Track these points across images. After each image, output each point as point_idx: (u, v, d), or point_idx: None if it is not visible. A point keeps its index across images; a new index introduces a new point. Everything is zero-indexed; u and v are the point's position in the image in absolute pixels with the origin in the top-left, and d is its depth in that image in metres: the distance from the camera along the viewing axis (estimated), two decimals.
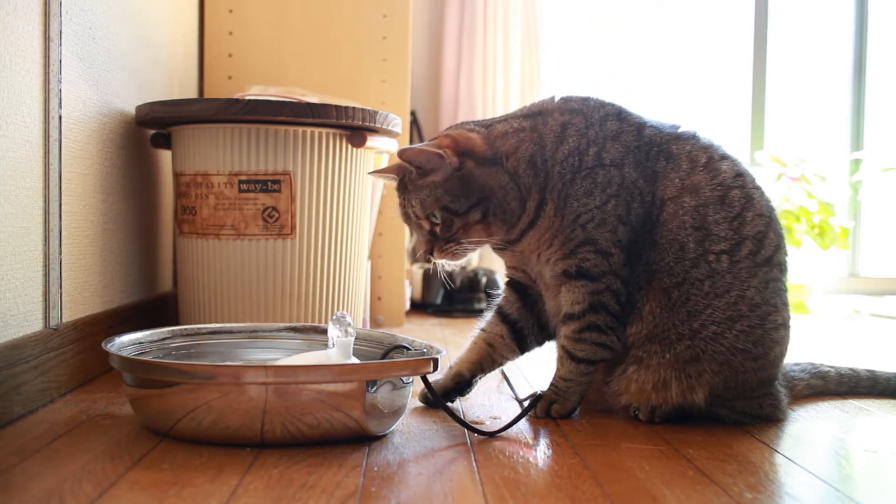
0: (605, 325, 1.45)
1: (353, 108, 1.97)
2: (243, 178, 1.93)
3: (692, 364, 1.43)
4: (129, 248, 1.99)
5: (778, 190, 3.80)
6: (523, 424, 1.45)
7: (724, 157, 1.50)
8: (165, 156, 2.25)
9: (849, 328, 3.19)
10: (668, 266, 1.43)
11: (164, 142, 2.10)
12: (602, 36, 4.32)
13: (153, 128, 2.09)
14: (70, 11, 1.63)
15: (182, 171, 2.01)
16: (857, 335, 3.00)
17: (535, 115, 1.49)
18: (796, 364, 1.74)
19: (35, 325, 1.50)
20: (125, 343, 1.46)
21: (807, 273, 3.80)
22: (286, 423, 1.25)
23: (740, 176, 1.49)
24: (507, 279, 1.62)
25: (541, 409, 1.49)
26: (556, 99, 1.53)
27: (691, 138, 1.51)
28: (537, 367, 1.88)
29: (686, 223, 1.43)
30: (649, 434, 1.40)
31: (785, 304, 1.50)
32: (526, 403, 1.61)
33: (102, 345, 1.38)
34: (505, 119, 1.50)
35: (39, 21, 1.50)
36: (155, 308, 2.15)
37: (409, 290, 3.06)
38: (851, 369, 1.76)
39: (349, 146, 2.03)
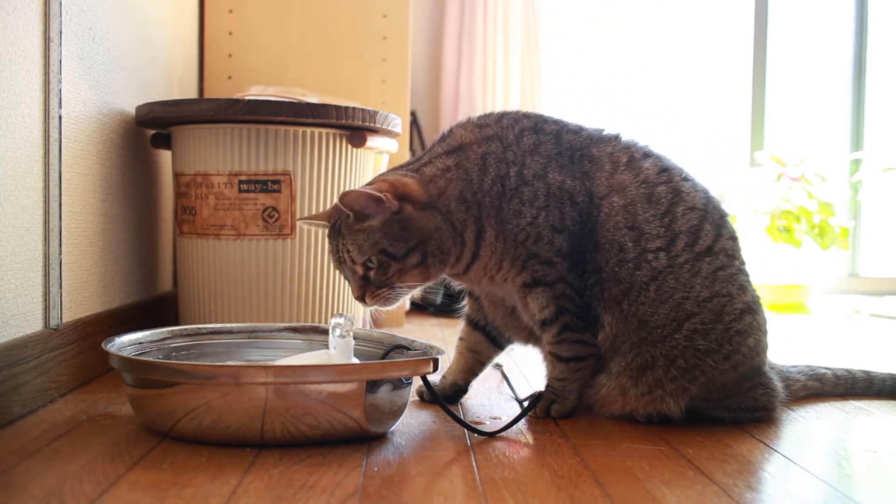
0: (575, 325, 1.47)
1: (353, 108, 1.97)
2: (243, 178, 1.93)
3: (647, 372, 1.43)
4: (129, 248, 2.00)
5: (778, 190, 3.80)
6: (523, 424, 1.45)
7: (647, 155, 1.51)
8: (165, 156, 2.25)
9: (849, 328, 3.19)
10: (614, 271, 1.44)
11: (164, 142, 2.10)
12: (602, 36, 4.32)
13: (153, 128, 2.09)
14: (70, 11, 1.63)
15: (182, 171, 2.01)
16: (856, 335, 3.00)
17: (457, 150, 1.49)
18: (794, 366, 1.74)
19: (35, 325, 1.50)
20: (125, 343, 1.46)
21: (807, 273, 3.80)
22: (286, 423, 1.25)
23: (665, 171, 1.50)
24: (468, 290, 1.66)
25: (541, 410, 1.49)
26: (472, 124, 1.53)
27: (612, 140, 1.52)
28: (537, 367, 1.88)
29: (620, 223, 1.45)
30: (649, 434, 1.40)
31: (743, 289, 1.47)
32: (526, 403, 1.61)
33: (102, 345, 1.38)
34: (430, 161, 1.50)
35: (39, 21, 1.50)
36: (155, 308, 2.15)
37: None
38: (847, 370, 1.76)
39: (349, 146, 2.03)
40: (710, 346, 1.42)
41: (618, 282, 1.44)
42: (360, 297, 1.44)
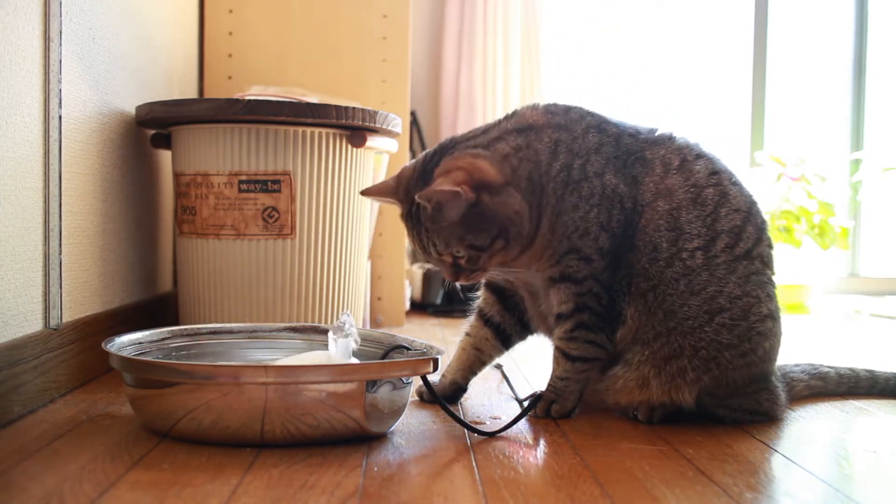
0: (592, 324, 1.47)
1: (353, 108, 1.97)
2: (243, 178, 1.93)
3: (672, 361, 1.43)
4: (129, 248, 1.99)
5: (778, 190, 3.80)
6: (523, 424, 1.45)
7: (700, 156, 1.51)
8: (165, 156, 2.25)
9: (849, 328, 3.19)
10: (644, 269, 1.44)
11: (164, 142, 2.10)
12: (602, 36, 4.32)
13: (153, 128, 2.09)
14: (70, 11, 1.63)
15: (182, 171, 2.01)
16: (857, 335, 3.00)
17: (527, 130, 1.48)
18: (796, 365, 1.74)
19: (35, 325, 1.50)
20: (125, 343, 1.46)
21: (807, 273, 3.80)
22: (286, 423, 1.25)
23: (715, 174, 1.49)
24: (485, 281, 1.64)
25: (541, 410, 1.49)
26: (540, 109, 1.52)
27: (666, 141, 1.51)
28: (537, 367, 1.88)
29: (661, 227, 1.45)
30: (649, 434, 1.40)
31: (770, 297, 1.49)
32: (526, 403, 1.61)
33: (102, 345, 1.38)
34: (500, 137, 1.47)
35: (39, 21, 1.50)
36: (155, 308, 2.15)
37: (409, 290, 3.06)
38: (850, 369, 1.76)
39: (349, 146, 2.03)
40: (732, 342, 1.43)
41: (647, 278, 1.44)
42: (454, 280, 1.47)
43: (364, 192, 1.61)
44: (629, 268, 1.45)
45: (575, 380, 1.49)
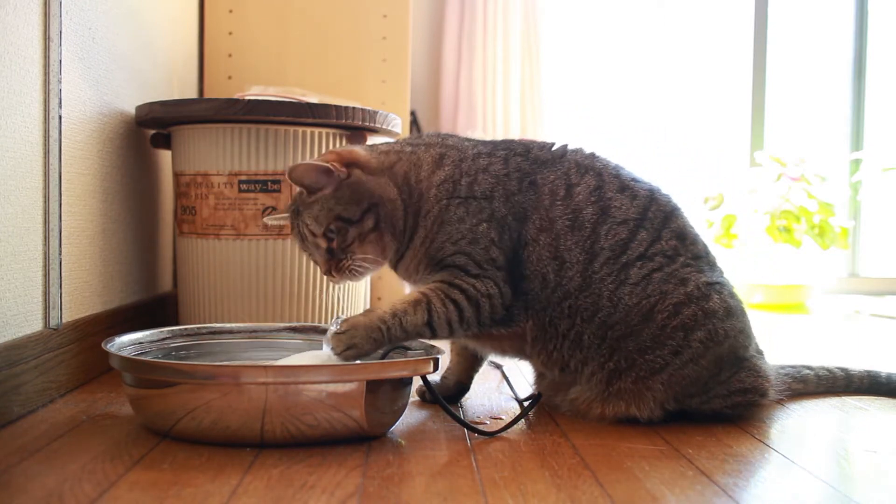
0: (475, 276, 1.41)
1: (353, 108, 1.97)
2: (243, 178, 1.93)
3: (593, 378, 1.44)
4: (129, 248, 2.00)
5: (778, 190, 3.81)
6: (523, 424, 1.45)
7: (585, 173, 1.49)
8: (165, 156, 2.25)
9: (849, 328, 3.19)
10: (537, 294, 1.44)
11: (164, 142, 2.10)
12: (602, 36, 4.33)
13: (153, 128, 2.09)
14: (70, 11, 1.63)
15: (182, 171, 2.01)
16: (856, 335, 3.00)
17: (418, 143, 1.52)
18: (781, 367, 1.73)
19: (35, 325, 1.50)
20: (125, 343, 1.46)
21: (807, 273, 3.80)
22: (286, 423, 1.25)
23: (598, 189, 1.47)
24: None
25: (338, 344, 1.36)
26: (438, 133, 1.58)
27: (556, 163, 1.50)
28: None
29: (544, 257, 1.44)
30: (649, 434, 1.40)
31: (684, 281, 1.43)
32: (526, 404, 1.61)
33: (102, 345, 1.38)
34: (387, 144, 1.54)
35: (39, 21, 1.50)
36: (155, 308, 2.15)
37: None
38: (827, 369, 1.77)
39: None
40: (644, 345, 1.41)
41: (542, 305, 1.44)
42: (328, 272, 1.45)
43: (267, 218, 1.61)
44: (524, 294, 1.44)
45: (405, 330, 1.38)
